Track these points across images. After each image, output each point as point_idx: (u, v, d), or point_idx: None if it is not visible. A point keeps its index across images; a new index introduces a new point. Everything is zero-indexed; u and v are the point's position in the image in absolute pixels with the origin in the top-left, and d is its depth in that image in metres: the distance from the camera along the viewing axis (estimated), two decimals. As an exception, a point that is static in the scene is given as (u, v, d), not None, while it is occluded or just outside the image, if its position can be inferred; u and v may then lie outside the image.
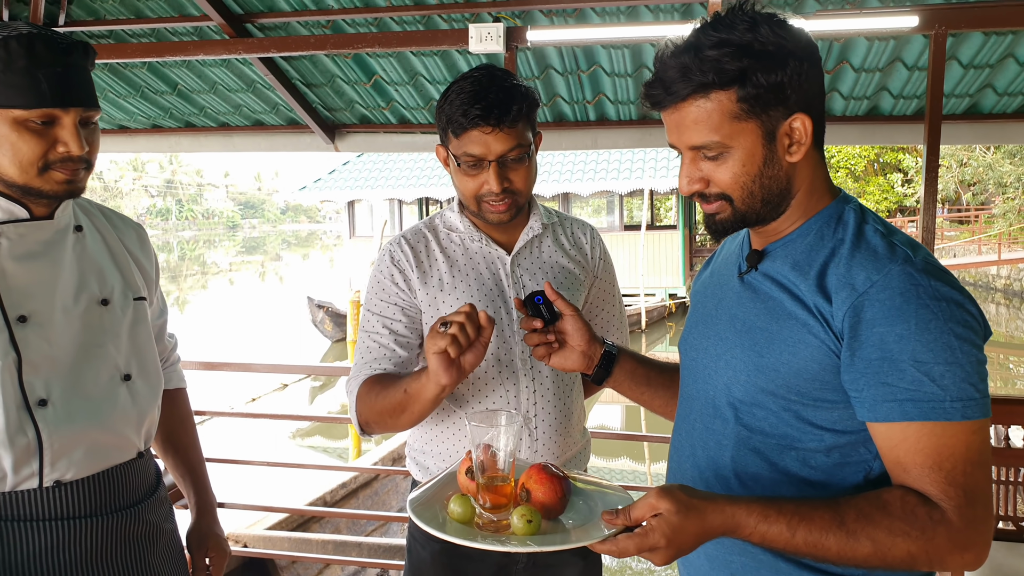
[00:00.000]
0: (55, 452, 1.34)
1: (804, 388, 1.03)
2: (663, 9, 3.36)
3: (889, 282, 0.96)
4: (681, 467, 1.21)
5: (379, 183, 17.76)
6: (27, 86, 1.25)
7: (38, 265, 1.37)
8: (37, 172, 1.30)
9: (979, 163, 20.65)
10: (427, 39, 3.46)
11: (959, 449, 0.94)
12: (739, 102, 0.99)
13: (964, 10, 2.97)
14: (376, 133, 4.55)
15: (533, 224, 1.59)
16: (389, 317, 1.56)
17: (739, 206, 1.06)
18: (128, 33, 3.87)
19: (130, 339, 1.48)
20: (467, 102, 1.42)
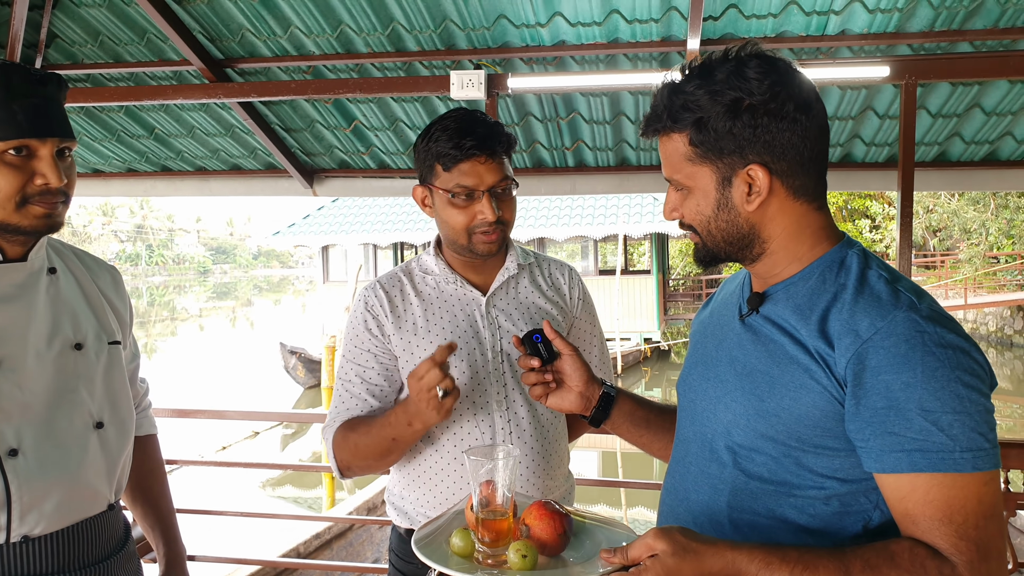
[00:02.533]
0: (24, 505, 1.27)
1: (805, 434, 1.01)
2: (641, 58, 3.42)
3: (894, 328, 0.94)
4: (674, 511, 1.18)
5: (354, 228, 17.73)
6: (3, 118, 1.22)
7: (11, 309, 1.32)
8: (15, 207, 1.27)
9: (944, 210, 21.20)
10: (409, 85, 3.48)
11: (970, 501, 0.92)
12: (691, 145, 1.04)
13: (933, 61, 3.07)
14: (355, 178, 4.54)
15: (509, 264, 1.59)
16: (363, 365, 1.56)
17: (705, 240, 1.09)
18: (106, 77, 3.85)
19: (104, 384, 1.42)
20: (457, 136, 1.45)
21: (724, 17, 3.11)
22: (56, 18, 3.51)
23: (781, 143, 1.01)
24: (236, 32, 3.47)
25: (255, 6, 3.28)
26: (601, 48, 3.33)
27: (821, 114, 1.03)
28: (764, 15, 3.08)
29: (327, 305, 18.14)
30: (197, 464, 4.38)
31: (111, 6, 3.39)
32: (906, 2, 2.91)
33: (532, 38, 3.35)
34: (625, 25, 3.20)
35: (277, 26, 3.40)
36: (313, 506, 9.32)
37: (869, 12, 2.98)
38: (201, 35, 3.50)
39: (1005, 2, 2.85)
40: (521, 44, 3.39)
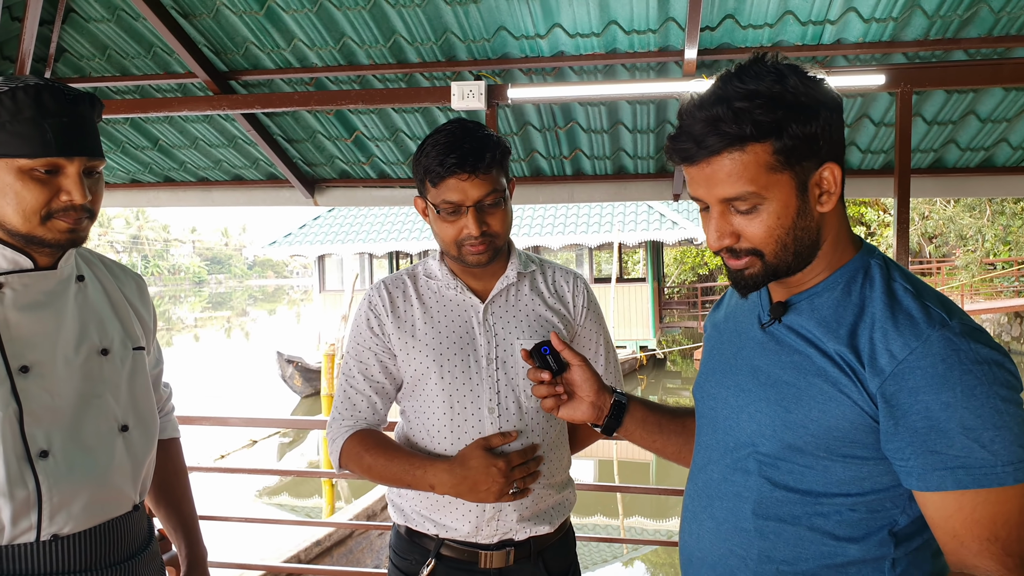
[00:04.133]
0: (54, 505, 1.31)
1: (833, 445, 1.01)
2: (639, 68, 3.47)
3: (929, 349, 0.94)
4: (697, 518, 1.18)
5: (349, 237, 17.76)
6: (33, 135, 1.25)
7: (41, 315, 1.36)
8: (40, 221, 1.30)
9: (940, 216, 21.29)
10: (410, 96, 3.52)
11: (1013, 514, 0.93)
12: (775, 154, 0.97)
13: (928, 69, 3.12)
14: (356, 188, 4.57)
15: (509, 272, 1.62)
16: (365, 363, 1.63)
17: (770, 260, 1.03)
18: (112, 90, 3.88)
19: (128, 389, 1.46)
20: (443, 152, 1.48)
21: (721, 27, 3.17)
22: (65, 32, 3.55)
23: (840, 140, 1.01)
24: (240, 45, 3.51)
25: (259, 19, 3.32)
26: (599, 59, 3.38)
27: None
28: (760, 25, 3.13)
29: (323, 314, 18.16)
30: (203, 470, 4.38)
31: (119, 20, 3.43)
32: (901, 11, 2.97)
33: (531, 49, 3.40)
34: (623, 36, 3.25)
35: (281, 39, 3.44)
36: (311, 515, 9.32)
37: (864, 21, 3.04)
38: (206, 48, 3.54)
39: (999, 11, 2.91)
40: (520, 55, 3.44)
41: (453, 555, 1.60)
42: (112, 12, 3.41)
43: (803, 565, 1.05)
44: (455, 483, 1.48)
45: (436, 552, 1.60)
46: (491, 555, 1.59)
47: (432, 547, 1.61)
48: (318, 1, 3.17)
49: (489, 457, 1.47)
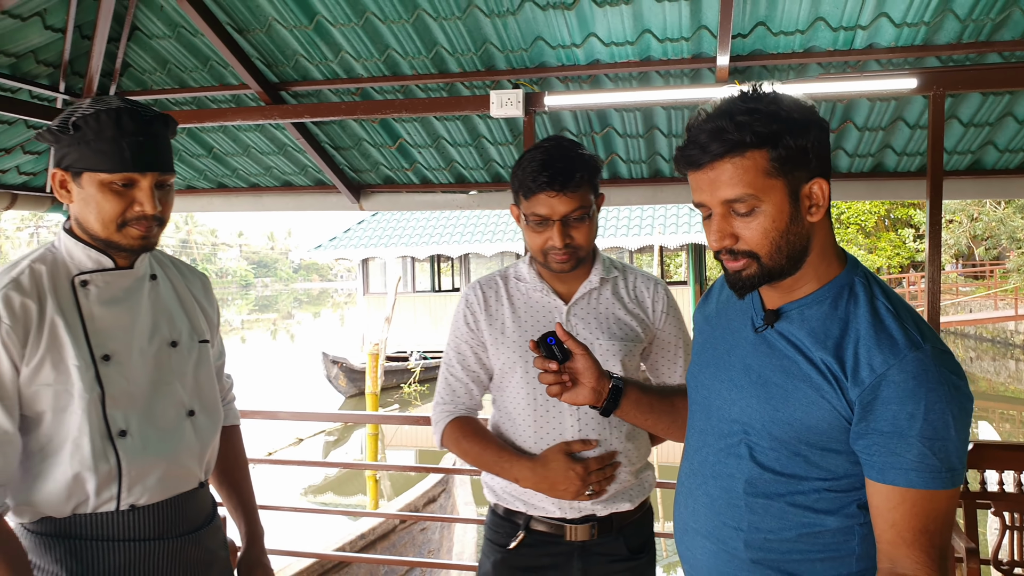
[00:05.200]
0: (132, 478, 1.47)
1: (813, 440, 1.17)
2: (673, 74, 3.55)
3: (904, 367, 1.09)
4: (693, 494, 1.33)
5: (392, 241, 18.07)
6: (112, 153, 1.40)
7: (119, 309, 1.52)
8: (116, 228, 1.46)
9: (990, 217, 20.74)
10: (451, 105, 3.66)
11: (941, 513, 1.10)
12: (771, 161, 1.10)
13: (961, 72, 3.15)
14: (399, 193, 4.74)
15: (592, 278, 1.77)
16: (462, 354, 1.82)
17: (766, 262, 1.15)
18: (171, 102, 4.11)
19: (194, 378, 1.62)
20: (536, 170, 1.63)
21: (753, 34, 3.24)
22: (130, 49, 3.78)
23: (827, 159, 1.15)
24: (291, 58, 3.69)
25: (309, 33, 3.50)
26: (634, 66, 3.47)
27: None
28: (792, 32, 3.20)
29: (367, 316, 18.47)
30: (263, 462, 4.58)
31: (179, 37, 3.65)
32: (933, 15, 3.01)
33: (568, 58, 3.51)
34: (657, 44, 3.35)
35: (329, 51, 3.62)
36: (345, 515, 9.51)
37: (896, 26, 3.08)
38: (259, 61, 3.73)
39: (1031, 14, 2.93)
40: (557, 64, 3.55)
41: (541, 528, 1.76)
42: (173, 29, 3.63)
43: (786, 534, 1.21)
44: (536, 480, 1.66)
45: (525, 526, 1.77)
46: (575, 528, 1.75)
47: (521, 522, 1.78)
48: (364, 16, 3.33)
49: (569, 461, 1.64)
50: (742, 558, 1.24)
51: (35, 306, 1.42)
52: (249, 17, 3.45)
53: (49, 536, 1.47)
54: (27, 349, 1.40)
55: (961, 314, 22.48)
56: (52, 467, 1.44)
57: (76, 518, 1.46)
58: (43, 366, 1.41)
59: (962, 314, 22.44)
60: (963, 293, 23.86)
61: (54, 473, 1.43)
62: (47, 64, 3.78)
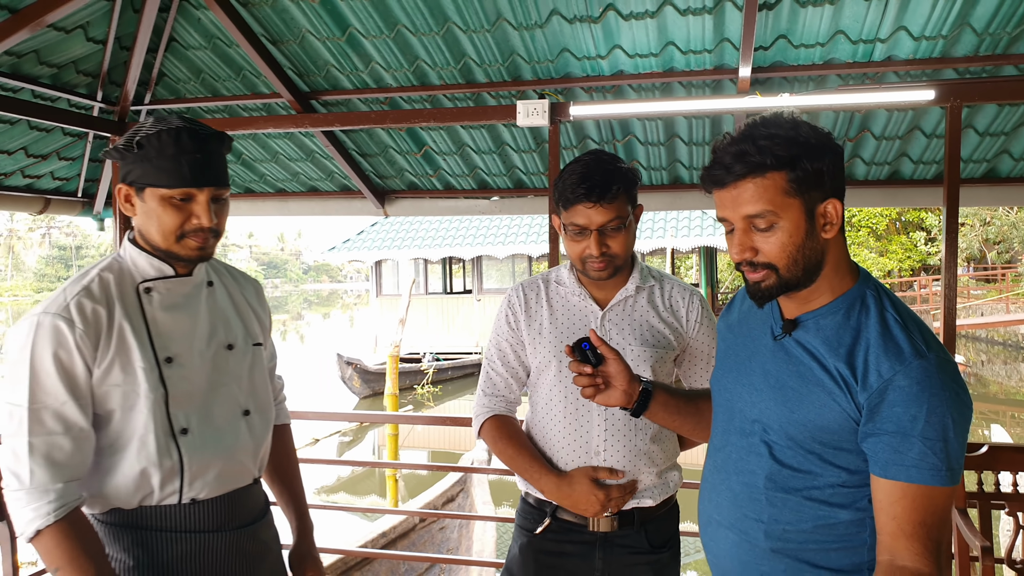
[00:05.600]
0: (193, 473, 1.57)
1: (825, 439, 1.28)
2: (695, 85, 3.65)
3: (909, 373, 1.19)
4: (716, 489, 1.45)
5: (405, 243, 18.18)
6: (172, 170, 1.50)
7: (180, 315, 1.62)
8: (175, 239, 1.56)
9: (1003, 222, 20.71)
10: (477, 114, 3.77)
11: (939, 508, 1.20)
12: (789, 182, 1.22)
13: (977, 84, 3.23)
14: (423, 198, 4.85)
15: (629, 285, 1.86)
16: (503, 350, 1.92)
17: (783, 274, 1.26)
18: (204, 110, 4.23)
19: (249, 379, 1.71)
20: (575, 183, 1.73)
21: (774, 47, 3.33)
22: (167, 59, 3.90)
23: (842, 181, 1.26)
24: (322, 68, 3.81)
25: (341, 45, 3.61)
26: (657, 77, 3.57)
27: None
28: (812, 44, 3.28)
29: (380, 318, 18.58)
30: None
31: (214, 48, 3.77)
32: (951, 29, 3.09)
33: (593, 69, 3.61)
34: (680, 56, 3.44)
35: (359, 62, 3.73)
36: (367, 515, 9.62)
37: (914, 39, 3.17)
38: (291, 71, 3.85)
39: (1047, 28, 3.01)
40: (582, 74, 3.65)
41: (566, 517, 1.85)
42: (209, 40, 3.75)
43: (803, 525, 1.31)
44: (560, 497, 1.78)
45: (552, 514, 1.86)
46: (598, 520, 1.84)
47: (548, 510, 1.87)
48: (396, 28, 3.44)
49: (592, 486, 1.76)
50: (762, 548, 1.34)
51: (104, 312, 1.52)
52: (284, 29, 3.57)
53: (118, 526, 1.56)
54: (98, 352, 1.50)
55: (973, 317, 22.42)
56: (121, 462, 1.53)
57: (142, 510, 1.55)
58: (113, 368, 1.50)
59: (973, 317, 22.37)
60: (975, 297, 23.78)
61: (122, 467, 1.53)
62: (86, 74, 3.91)
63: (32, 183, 4.59)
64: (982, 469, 2.99)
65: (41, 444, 1.45)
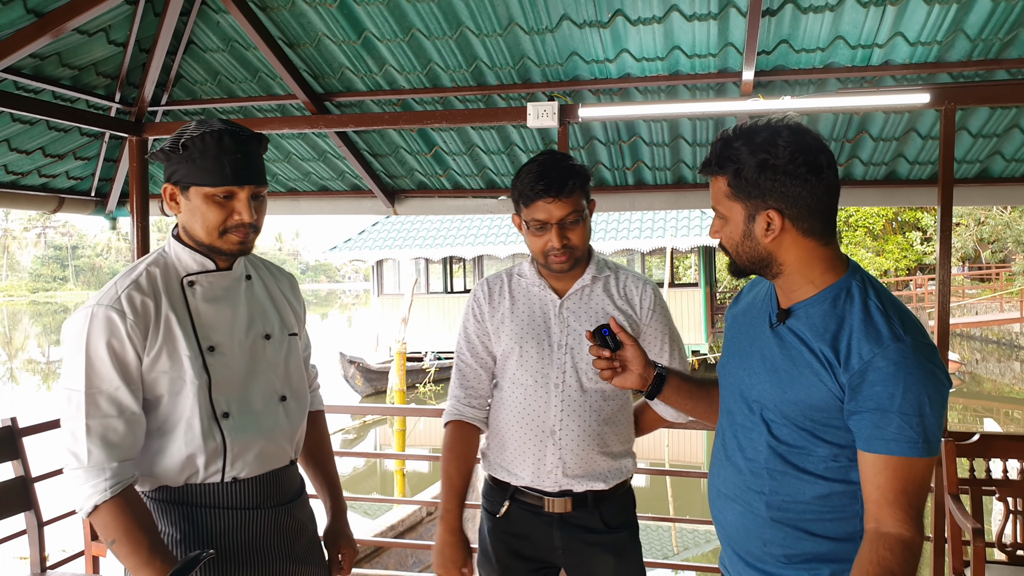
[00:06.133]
0: (234, 454, 1.67)
1: (815, 416, 1.41)
2: (699, 87, 3.77)
3: (887, 355, 1.31)
4: (722, 465, 1.58)
5: (407, 243, 18.27)
6: (215, 169, 1.60)
7: (221, 306, 1.73)
8: (218, 235, 1.67)
9: (996, 221, 20.90)
10: (488, 116, 3.88)
11: (919, 478, 1.32)
12: (728, 186, 1.40)
13: (971, 88, 3.35)
14: (432, 198, 4.96)
15: (585, 276, 1.99)
16: (472, 342, 2.06)
17: (735, 259, 1.47)
18: (219, 111, 4.34)
19: (285, 367, 1.82)
20: (534, 180, 1.86)
21: (776, 51, 3.45)
22: (184, 61, 4.01)
23: (794, 195, 1.37)
24: (337, 70, 3.92)
25: (356, 48, 3.72)
26: (663, 80, 3.69)
27: (831, 177, 1.37)
28: (813, 49, 3.41)
29: (382, 317, 18.67)
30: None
31: (232, 50, 3.88)
32: (945, 35, 3.21)
33: (600, 72, 3.73)
34: (685, 60, 3.56)
35: (373, 64, 3.84)
36: (368, 512, 9.73)
37: (910, 45, 3.29)
38: (306, 73, 3.96)
39: (1037, 34, 3.14)
40: (590, 77, 3.77)
41: (524, 499, 1.99)
42: (227, 43, 3.86)
43: (800, 497, 1.44)
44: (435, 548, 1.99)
45: (511, 496, 2.00)
46: (553, 501, 1.98)
47: (508, 492, 2.01)
48: (410, 32, 3.56)
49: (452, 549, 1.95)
50: (764, 517, 1.47)
51: (152, 304, 1.63)
52: (300, 32, 3.68)
53: (166, 502, 1.68)
54: (147, 341, 1.60)
55: (967, 316, 22.60)
56: (168, 443, 1.64)
57: (188, 488, 1.66)
58: (160, 356, 1.61)
59: (968, 316, 22.55)
60: (969, 296, 23.96)
61: (170, 449, 1.64)
62: (105, 76, 4.01)
63: (47, 182, 4.70)
64: (974, 457, 3.12)
65: (97, 426, 1.55)
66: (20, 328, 47.80)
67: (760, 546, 1.49)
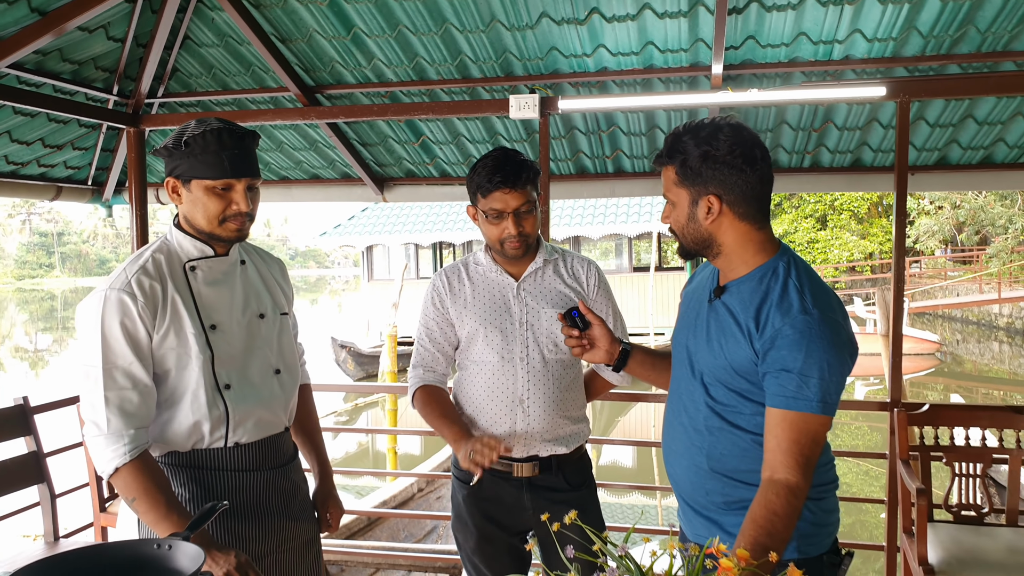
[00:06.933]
0: (236, 422, 1.86)
1: (740, 378, 1.61)
2: (673, 80, 3.97)
3: (794, 324, 1.50)
4: (671, 425, 1.81)
5: (396, 228, 18.38)
6: (215, 164, 1.78)
7: (220, 289, 1.91)
8: (218, 223, 1.85)
9: (971, 205, 21.25)
10: (472, 108, 4.07)
11: (811, 433, 1.49)
12: (676, 174, 1.61)
13: (925, 82, 3.57)
14: (419, 185, 5.15)
15: (537, 260, 2.22)
16: (431, 328, 2.25)
17: (681, 242, 1.67)
18: (214, 103, 4.51)
19: (278, 344, 2.01)
20: (490, 172, 2.07)
21: (744, 47, 3.65)
22: (181, 56, 4.18)
23: (731, 183, 1.58)
24: (327, 64, 4.09)
25: (346, 43, 3.90)
26: (638, 73, 3.88)
27: (765, 168, 1.58)
28: (778, 44, 3.61)
29: (372, 302, 18.81)
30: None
31: (226, 45, 4.04)
32: (900, 32, 3.42)
33: (579, 66, 3.92)
34: (659, 54, 3.76)
35: (362, 58, 4.02)
36: (361, 492, 9.94)
37: (868, 41, 3.50)
38: (298, 66, 4.13)
39: (984, 30, 3.35)
40: (569, 71, 3.96)
41: (495, 467, 2.17)
42: (222, 39, 4.02)
43: (734, 450, 1.65)
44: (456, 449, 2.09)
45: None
46: (521, 466, 2.20)
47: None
48: (397, 28, 3.73)
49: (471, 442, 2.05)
50: (705, 469, 1.69)
51: (159, 287, 1.81)
52: (292, 28, 3.85)
53: (175, 466, 1.87)
54: (156, 320, 1.78)
55: (949, 297, 22.98)
56: (176, 413, 1.83)
57: (195, 452, 1.85)
58: (168, 334, 1.79)
59: (950, 297, 22.94)
60: (951, 278, 24.35)
61: (178, 417, 1.83)
62: (104, 69, 4.17)
63: (46, 172, 4.85)
64: (923, 425, 3.36)
65: (115, 397, 1.72)
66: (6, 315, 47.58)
67: (704, 495, 1.71)
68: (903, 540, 3.23)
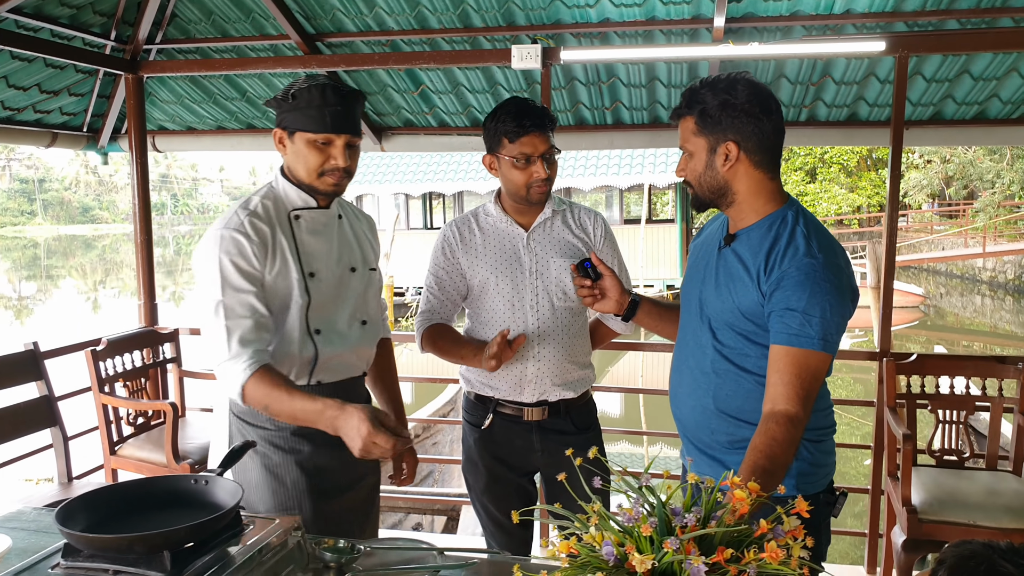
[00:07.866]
0: (321, 364, 1.95)
1: (747, 321, 1.68)
2: (674, 32, 3.98)
3: (799, 267, 1.59)
4: (679, 369, 1.90)
5: (386, 178, 18.28)
6: (318, 118, 1.84)
7: (319, 239, 1.99)
8: (316, 176, 1.91)
9: (961, 160, 21.35)
10: (474, 57, 4.07)
11: (812, 369, 1.56)
12: (695, 124, 1.67)
13: (923, 37, 3.61)
14: (418, 135, 5.15)
15: (547, 210, 2.29)
16: (439, 277, 2.33)
17: (697, 192, 1.73)
18: (213, 50, 4.47)
19: (364, 296, 2.09)
20: (519, 117, 2.13)
21: None
22: (180, 2, 4.13)
23: (748, 131, 1.65)
24: (328, 11, 4.07)
25: (348, -9, 3.87)
26: (640, 25, 3.89)
27: (779, 119, 1.66)
28: (780, -3, 3.63)
29: (362, 252, 18.76)
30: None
31: (227, -9, 4.01)
32: (902, -15, 3.45)
33: (581, 16, 3.92)
34: (661, 6, 3.76)
35: (364, 5, 3.99)
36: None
37: (870, -6, 3.53)
38: (299, 14, 4.10)
39: (986, -14, 3.38)
40: (572, 21, 3.96)
41: (505, 411, 2.30)
42: (221, -16, 3.98)
43: (739, 391, 1.74)
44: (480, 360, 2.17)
45: (494, 408, 2.31)
46: (531, 410, 2.31)
47: (490, 405, 2.31)
48: (400, -24, 3.71)
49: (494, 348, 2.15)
50: (711, 410, 1.78)
51: (268, 230, 1.88)
52: (293, -25, 3.82)
53: None
54: (267, 261, 1.87)
55: (935, 251, 23.26)
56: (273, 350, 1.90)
57: None
58: (276, 276, 1.88)
59: (935, 251, 23.22)
60: (937, 232, 24.60)
61: (274, 355, 1.90)
62: (102, 14, 4.13)
63: (41, 118, 4.82)
64: (911, 374, 3.50)
65: (235, 326, 1.79)
66: (-9, 263, 47.12)
67: (709, 434, 1.81)
68: (887, 483, 3.39)
